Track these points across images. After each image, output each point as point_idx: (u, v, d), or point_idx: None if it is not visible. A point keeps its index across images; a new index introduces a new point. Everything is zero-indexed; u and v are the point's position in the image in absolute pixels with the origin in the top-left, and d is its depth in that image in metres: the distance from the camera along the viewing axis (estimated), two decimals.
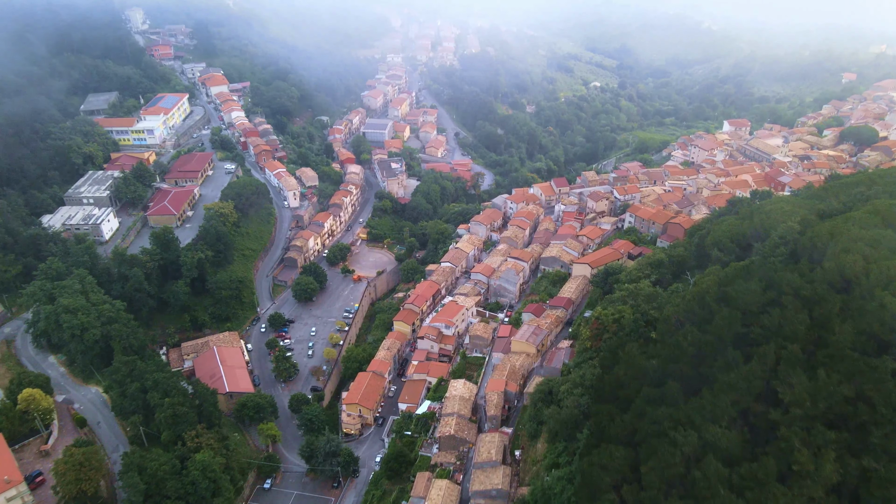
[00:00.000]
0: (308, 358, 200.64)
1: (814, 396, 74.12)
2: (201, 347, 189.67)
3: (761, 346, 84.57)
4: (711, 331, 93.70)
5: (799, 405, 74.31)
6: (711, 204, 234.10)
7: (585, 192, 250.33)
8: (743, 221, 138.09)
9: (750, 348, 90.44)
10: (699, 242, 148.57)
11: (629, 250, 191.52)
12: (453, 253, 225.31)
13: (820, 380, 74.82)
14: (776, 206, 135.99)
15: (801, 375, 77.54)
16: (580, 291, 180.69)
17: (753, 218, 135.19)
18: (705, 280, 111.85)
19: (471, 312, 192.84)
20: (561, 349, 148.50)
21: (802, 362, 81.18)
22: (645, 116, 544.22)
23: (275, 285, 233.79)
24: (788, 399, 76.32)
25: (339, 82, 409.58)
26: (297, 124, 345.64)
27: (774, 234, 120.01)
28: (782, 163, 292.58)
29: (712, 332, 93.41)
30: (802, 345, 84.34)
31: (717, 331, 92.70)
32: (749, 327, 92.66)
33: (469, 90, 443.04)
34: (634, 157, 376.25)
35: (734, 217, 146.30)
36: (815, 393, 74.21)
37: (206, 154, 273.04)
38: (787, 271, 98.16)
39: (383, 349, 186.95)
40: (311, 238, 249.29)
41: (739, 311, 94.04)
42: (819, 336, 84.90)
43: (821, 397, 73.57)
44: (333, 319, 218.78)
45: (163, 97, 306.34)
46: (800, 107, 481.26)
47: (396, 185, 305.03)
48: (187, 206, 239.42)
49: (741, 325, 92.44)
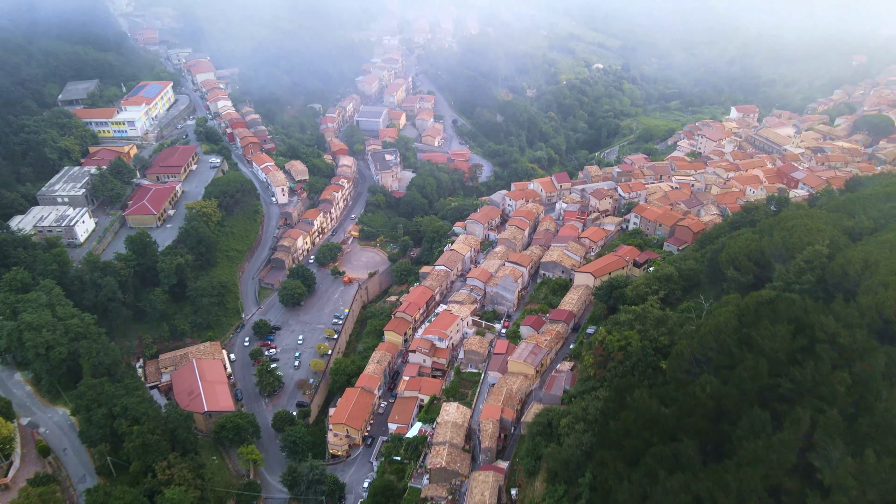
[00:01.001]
0: (294, 369, 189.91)
1: (861, 481, 62.87)
2: (180, 360, 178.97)
3: (794, 409, 73.20)
4: (734, 382, 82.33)
5: (843, 491, 63.13)
6: (721, 202, 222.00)
7: (588, 190, 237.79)
8: (762, 237, 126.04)
9: (778, 404, 79.37)
10: (712, 257, 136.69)
11: (634, 257, 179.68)
12: (448, 255, 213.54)
13: (868, 462, 63.51)
14: (798, 221, 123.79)
15: (844, 451, 66.35)
16: (582, 303, 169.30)
17: (773, 234, 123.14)
18: (722, 312, 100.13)
19: (466, 322, 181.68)
20: (561, 373, 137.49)
21: (843, 431, 69.93)
22: (649, 100, 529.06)
23: (261, 288, 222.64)
24: (829, 481, 65.13)
25: (332, 67, 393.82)
26: (288, 113, 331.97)
27: (799, 258, 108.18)
28: (794, 155, 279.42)
29: (734, 384, 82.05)
30: (841, 406, 73.06)
31: (740, 383, 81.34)
32: (777, 377, 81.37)
33: (467, 75, 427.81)
34: (639, 147, 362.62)
35: (751, 231, 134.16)
36: (863, 477, 62.96)
37: (189, 147, 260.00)
38: (819, 312, 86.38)
39: (373, 362, 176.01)
40: (300, 237, 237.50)
41: (765, 358, 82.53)
42: (862, 397, 73.53)
43: (870, 483, 62.33)
44: (322, 326, 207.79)
45: (145, 86, 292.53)
46: (809, 91, 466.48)
47: (390, 178, 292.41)
48: (168, 204, 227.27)
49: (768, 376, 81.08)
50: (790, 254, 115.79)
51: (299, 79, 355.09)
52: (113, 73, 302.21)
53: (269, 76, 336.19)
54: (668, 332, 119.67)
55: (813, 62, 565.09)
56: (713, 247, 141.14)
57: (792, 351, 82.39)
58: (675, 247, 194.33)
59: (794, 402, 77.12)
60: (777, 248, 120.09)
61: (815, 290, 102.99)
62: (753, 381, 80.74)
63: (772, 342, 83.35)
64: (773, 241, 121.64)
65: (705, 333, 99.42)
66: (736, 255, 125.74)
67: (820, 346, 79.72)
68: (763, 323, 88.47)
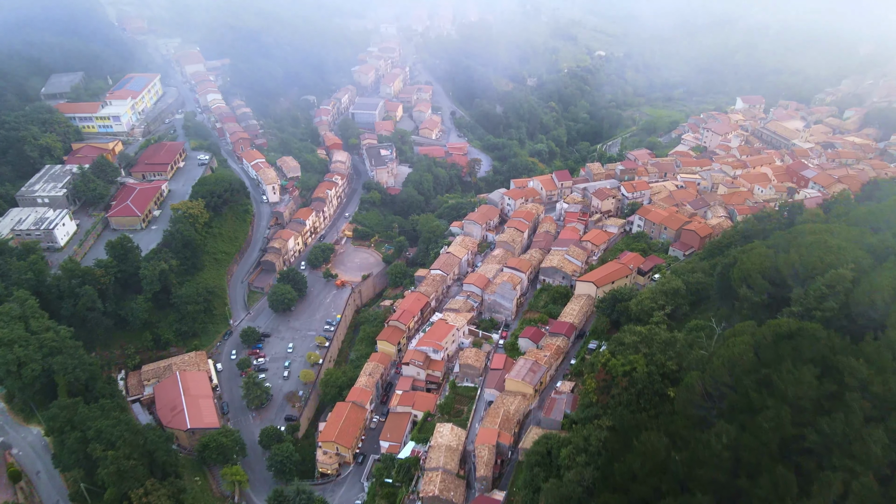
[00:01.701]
0: (283, 380, 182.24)
1: None
2: (163, 371, 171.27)
3: (823, 472, 65.26)
4: (753, 431, 74.46)
5: None
6: (729, 203, 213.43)
7: (590, 189, 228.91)
8: (777, 253, 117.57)
9: (803, 459, 71.59)
10: (723, 272, 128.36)
11: (639, 265, 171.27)
12: (444, 259, 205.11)
13: None
14: (817, 237, 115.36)
15: None
16: (583, 314, 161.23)
17: (790, 251, 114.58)
18: (737, 343, 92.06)
19: (462, 332, 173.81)
20: (561, 394, 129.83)
21: (879, 499, 62.10)
22: (652, 88, 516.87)
23: (251, 292, 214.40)
24: None
25: (327, 57, 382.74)
26: (281, 105, 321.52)
27: (820, 282, 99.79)
28: (803, 151, 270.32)
29: (754, 434, 74.19)
30: (876, 468, 65.21)
31: (760, 433, 73.50)
32: (802, 427, 73.56)
33: (466, 65, 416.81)
34: (641, 140, 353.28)
35: (764, 244, 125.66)
36: None
37: (176, 144, 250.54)
38: (848, 352, 78.24)
39: (365, 374, 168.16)
40: (291, 238, 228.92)
41: (788, 406, 74.61)
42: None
43: None
44: (313, 333, 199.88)
45: (132, 78, 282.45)
46: (816, 80, 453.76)
47: (386, 174, 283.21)
48: (154, 204, 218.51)
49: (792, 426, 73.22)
50: (809, 273, 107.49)
51: (293, 70, 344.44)
52: (99, 64, 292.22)
53: (261, 67, 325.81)
54: (676, 356, 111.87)
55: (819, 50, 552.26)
56: (724, 259, 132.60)
57: (818, 398, 74.43)
58: (680, 252, 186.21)
59: (821, 458, 69.32)
60: (794, 266, 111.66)
61: (837, 318, 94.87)
62: (775, 431, 72.95)
63: (795, 387, 75.37)
64: (789, 258, 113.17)
65: (718, 366, 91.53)
66: (749, 272, 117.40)
67: (850, 395, 71.74)
68: (784, 364, 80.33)
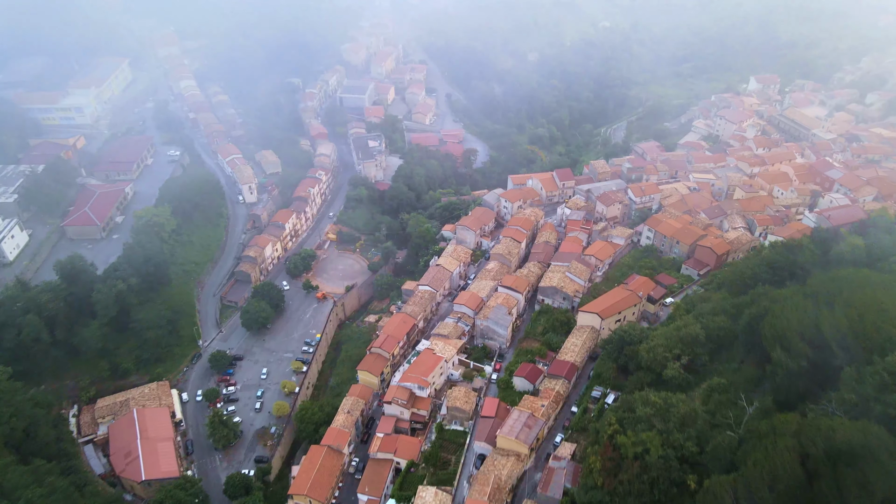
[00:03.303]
0: (255, 412, 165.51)
1: None
2: (120, 408, 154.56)
3: None
4: None
5: None
6: (747, 210, 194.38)
7: (594, 191, 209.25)
8: (818, 310, 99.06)
9: None
10: (751, 324, 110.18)
11: (649, 291, 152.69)
12: (434, 272, 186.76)
13: None
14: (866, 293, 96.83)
15: None
16: (586, 350, 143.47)
17: (835, 310, 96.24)
18: (779, 450, 74.54)
19: (452, 363, 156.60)
20: (560, 461, 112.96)
21: None
22: (659, 62, 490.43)
23: (223, 307, 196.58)
24: None
25: (314, 35, 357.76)
26: (263, 89, 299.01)
27: (880, 366, 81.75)
28: (825, 144, 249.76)
29: None
30: None
31: None
32: None
33: (464, 44, 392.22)
34: (649, 125, 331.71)
35: (801, 294, 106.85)
36: None
37: (144, 138, 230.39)
38: None
39: (343, 412, 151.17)
40: (269, 244, 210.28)
41: None
42: None
43: None
44: (290, 355, 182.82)
45: (98, 63, 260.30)
46: (833, 56, 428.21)
47: (374, 168, 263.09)
48: (116, 210, 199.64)
49: None
50: (860, 343, 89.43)
51: (276, 49, 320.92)
52: (66, 47, 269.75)
53: (241, 47, 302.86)
54: (696, 435, 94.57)
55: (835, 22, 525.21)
56: (751, 307, 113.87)
57: None
58: (695, 271, 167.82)
59: None
60: (842, 330, 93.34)
61: None
62: None
63: None
64: (835, 319, 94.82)
65: (755, 477, 74.23)
66: (784, 331, 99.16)
67: None
68: (850, 492, 62.76)
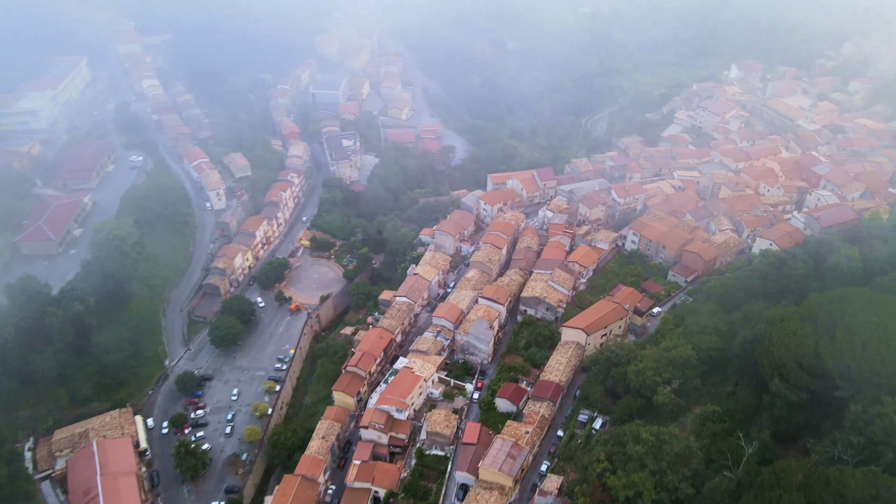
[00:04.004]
0: (225, 438, 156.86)
1: None
2: (79, 440, 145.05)
3: None
4: None
5: None
6: (734, 210, 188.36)
7: (577, 192, 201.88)
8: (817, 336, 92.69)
9: None
10: (745, 347, 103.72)
11: (636, 302, 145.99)
12: (412, 282, 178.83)
13: None
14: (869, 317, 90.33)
15: None
16: (571, 368, 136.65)
17: (836, 336, 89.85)
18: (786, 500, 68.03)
19: (431, 381, 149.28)
20: (546, 497, 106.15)
21: None
22: (640, 49, 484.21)
23: (191, 322, 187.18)
24: None
25: (285, 27, 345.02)
26: (233, 87, 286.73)
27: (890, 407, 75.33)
28: (810, 136, 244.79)
29: None
30: None
31: None
32: None
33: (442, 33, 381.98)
34: (631, 116, 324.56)
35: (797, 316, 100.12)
36: None
37: (104, 144, 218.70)
38: None
39: (317, 437, 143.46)
40: (239, 254, 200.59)
41: None
42: None
43: None
44: (262, 373, 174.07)
45: (54, 62, 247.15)
46: (814, 40, 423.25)
47: (349, 169, 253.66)
48: (74, 222, 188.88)
49: None
50: (864, 373, 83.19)
51: (245, 44, 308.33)
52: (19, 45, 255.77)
53: (208, 42, 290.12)
54: (691, 475, 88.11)
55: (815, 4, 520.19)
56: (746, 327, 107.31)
57: None
58: (682, 277, 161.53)
59: None
60: (843, 358, 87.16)
61: None
62: None
63: None
64: (836, 347, 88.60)
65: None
66: (782, 359, 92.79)
67: None
68: None
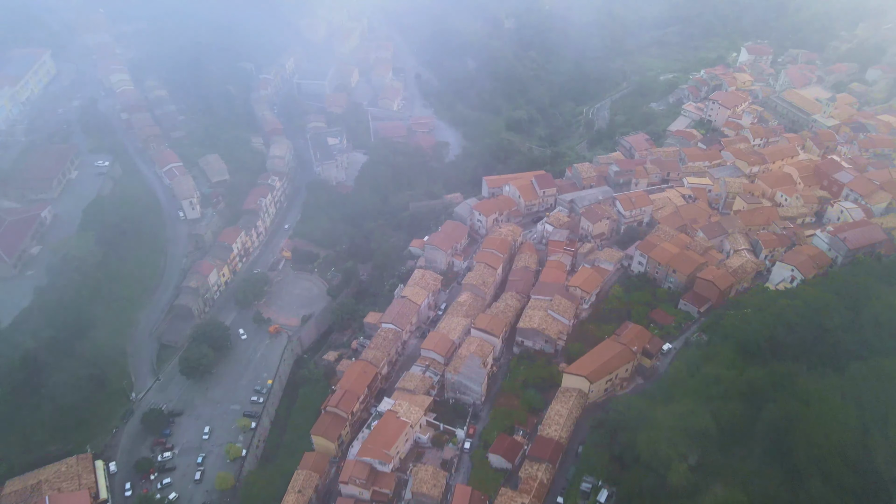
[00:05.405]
0: (194, 484, 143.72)
1: None
2: (31, 493, 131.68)
3: None
4: None
5: None
6: (751, 225, 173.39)
7: (578, 202, 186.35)
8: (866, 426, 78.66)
9: None
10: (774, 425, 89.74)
11: (645, 343, 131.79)
12: (399, 307, 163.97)
13: None
14: None
15: None
16: (573, 420, 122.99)
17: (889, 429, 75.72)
18: None
19: (419, 426, 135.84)
20: None
21: None
22: (642, 26, 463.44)
23: (162, 347, 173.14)
24: None
25: (268, 9, 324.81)
26: (211, 78, 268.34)
27: None
28: (829, 134, 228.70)
29: None
30: None
31: None
32: None
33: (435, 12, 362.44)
34: (634, 105, 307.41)
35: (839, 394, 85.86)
36: None
37: (66, 148, 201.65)
38: None
39: (293, 491, 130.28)
40: (214, 270, 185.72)
41: None
42: None
43: None
44: (237, 406, 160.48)
45: (13, 56, 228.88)
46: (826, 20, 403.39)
47: (335, 169, 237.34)
48: (31, 239, 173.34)
49: None
50: None
51: (224, 30, 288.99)
52: None
53: (184, 29, 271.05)
54: None
55: None
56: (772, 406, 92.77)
57: None
58: (694, 308, 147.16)
59: None
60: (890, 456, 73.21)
61: None
62: None
63: None
64: (889, 444, 74.50)
65: None
66: (822, 451, 78.84)
67: None
68: None
